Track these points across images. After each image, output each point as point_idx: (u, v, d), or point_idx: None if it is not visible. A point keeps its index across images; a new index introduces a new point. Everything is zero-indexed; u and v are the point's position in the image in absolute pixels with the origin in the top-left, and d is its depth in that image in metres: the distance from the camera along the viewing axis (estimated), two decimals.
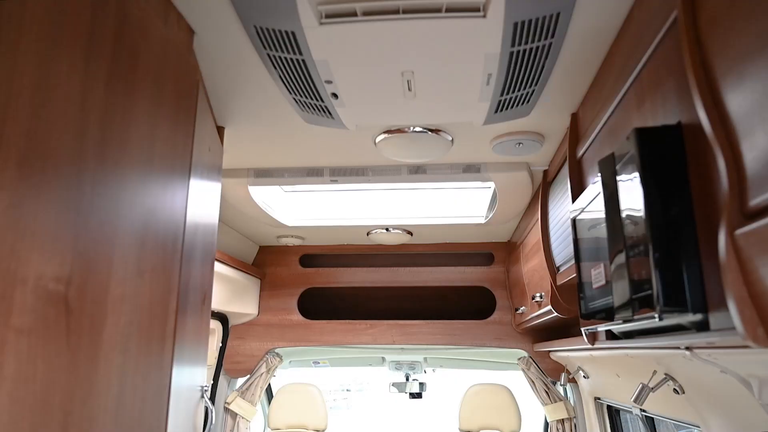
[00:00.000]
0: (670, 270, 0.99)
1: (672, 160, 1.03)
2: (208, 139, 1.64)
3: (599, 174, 1.27)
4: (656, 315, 1.01)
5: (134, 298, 1.08)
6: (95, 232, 0.96)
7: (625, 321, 1.19)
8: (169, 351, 1.24)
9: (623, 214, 1.15)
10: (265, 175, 2.40)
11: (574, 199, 1.75)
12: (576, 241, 1.58)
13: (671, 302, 0.98)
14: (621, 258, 1.15)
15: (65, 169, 0.89)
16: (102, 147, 0.98)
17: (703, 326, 1.00)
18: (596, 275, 1.39)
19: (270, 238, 3.59)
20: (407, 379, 4.59)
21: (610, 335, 1.60)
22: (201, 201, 1.54)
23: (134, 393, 1.08)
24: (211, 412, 1.77)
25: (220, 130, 1.98)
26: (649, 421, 2.57)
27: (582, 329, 1.64)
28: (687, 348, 1.47)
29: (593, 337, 1.73)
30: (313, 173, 2.37)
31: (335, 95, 1.59)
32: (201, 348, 1.63)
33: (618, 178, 1.18)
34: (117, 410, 1.02)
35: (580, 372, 2.95)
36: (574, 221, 1.60)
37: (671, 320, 1.06)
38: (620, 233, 1.16)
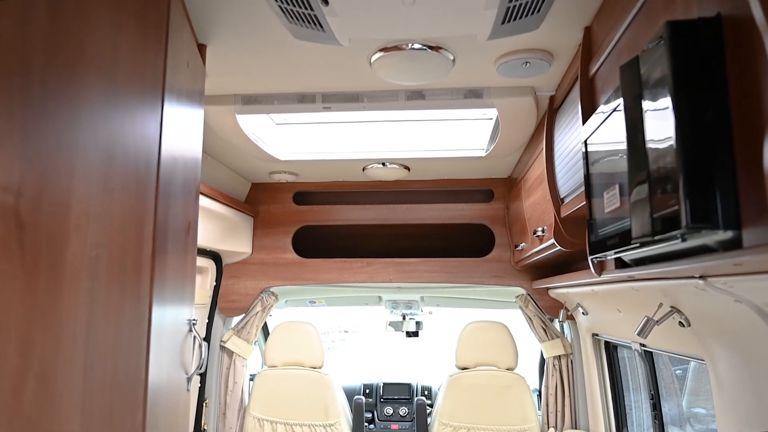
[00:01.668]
0: (700, 182, 0.88)
1: (708, 58, 0.90)
2: (185, 54, 1.49)
3: (620, 82, 1.14)
4: (681, 234, 0.91)
5: (102, 218, 0.97)
6: (49, 139, 0.84)
7: (643, 244, 1.10)
8: (147, 278, 1.14)
9: (647, 125, 1.04)
10: (254, 102, 2.25)
11: (584, 121, 1.63)
12: (587, 164, 1.47)
13: (700, 218, 0.88)
14: (642, 172, 1.04)
15: (5, 60, 0.76)
16: (52, 39, 0.84)
17: (733, 245, 0.90)
18: (610, 198, 1.28)
19: (262, 175, 3.47)
20: (404, 318, 4.59)
21: (619, 265, 1.52)
22: (179, 119, 1.40)
23: (107, 322, 0.99)
24: (202, 346, 1.69)
25: (202, 49, 1.82)
26: (648, 357, 2.54)
27: (589, 258, 1.55)
28: (701, 277, 1.39)
29: (601, 267, 1.65)
30: (304, 100, 2.22)
31: (325, 1, 1.44)
32: (187, 279, 1.54)
33: (642, 84, 1.05)
34: (87, 339, 0.93)
35: (579, 309, 2.92)
36: (585, 143, 1.48)
37: (696, 241, 0.97)
38: (642, 146, 1.04)
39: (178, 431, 1.49)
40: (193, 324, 1.64)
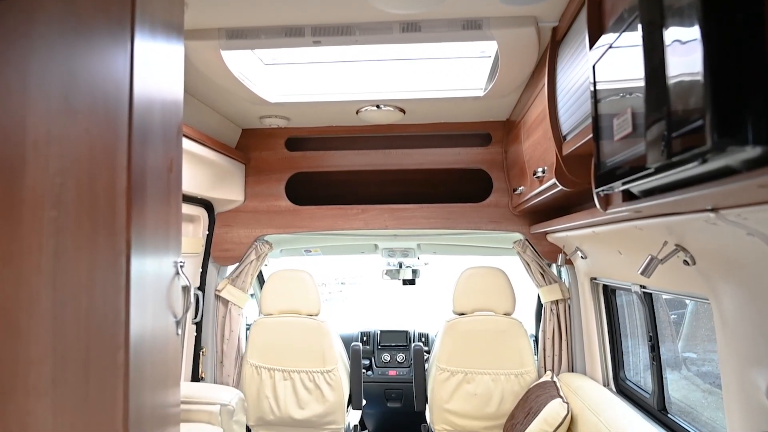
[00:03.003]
0: (727, 92, 0.79)
1: None
2: None
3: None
4: (704, 152, 0.82)
5: (65, 141, 0.88)
6: None
7: (658, 170, 1.02)
8: (122, 211, 1.05)
9: (666, 37, 0.94)
10: (239, 36, 2.12)
11: (591, 45, 1.52)
12: (595, 90, 1.37)
13: (727, 132, 0.79)
14: (660, 88, 0.94)
15: None
16: None
17: (760, 164, 0.82)
18: (620, 123, 1.20)
19: (253, 120, 3.34)
20: (400, 267, 4.56)
21: (626, 198, 1.44)
22: (153, 48, 1.29)
23: (78, 257, 0.91)
24: (191, 289, 1.63)
25: None
26: (647, 299, 2.51)
27: (595, 192, 1.48)
28: (712, 209, 1.32)
29: (607, 202, 1.57)
30: (292, 33, 2.09)
31: None
32: (171, 218, 1.45)
33: None
34: (55, 274, 0.85)
35: (578, 252, 2.87)
36: (594, 68, 1.38)
37: (717, 163, 0.88)
38: (661, 61, 0.95)
39: (168, 375, 1.45)
40: (181, 266, 1.57)
